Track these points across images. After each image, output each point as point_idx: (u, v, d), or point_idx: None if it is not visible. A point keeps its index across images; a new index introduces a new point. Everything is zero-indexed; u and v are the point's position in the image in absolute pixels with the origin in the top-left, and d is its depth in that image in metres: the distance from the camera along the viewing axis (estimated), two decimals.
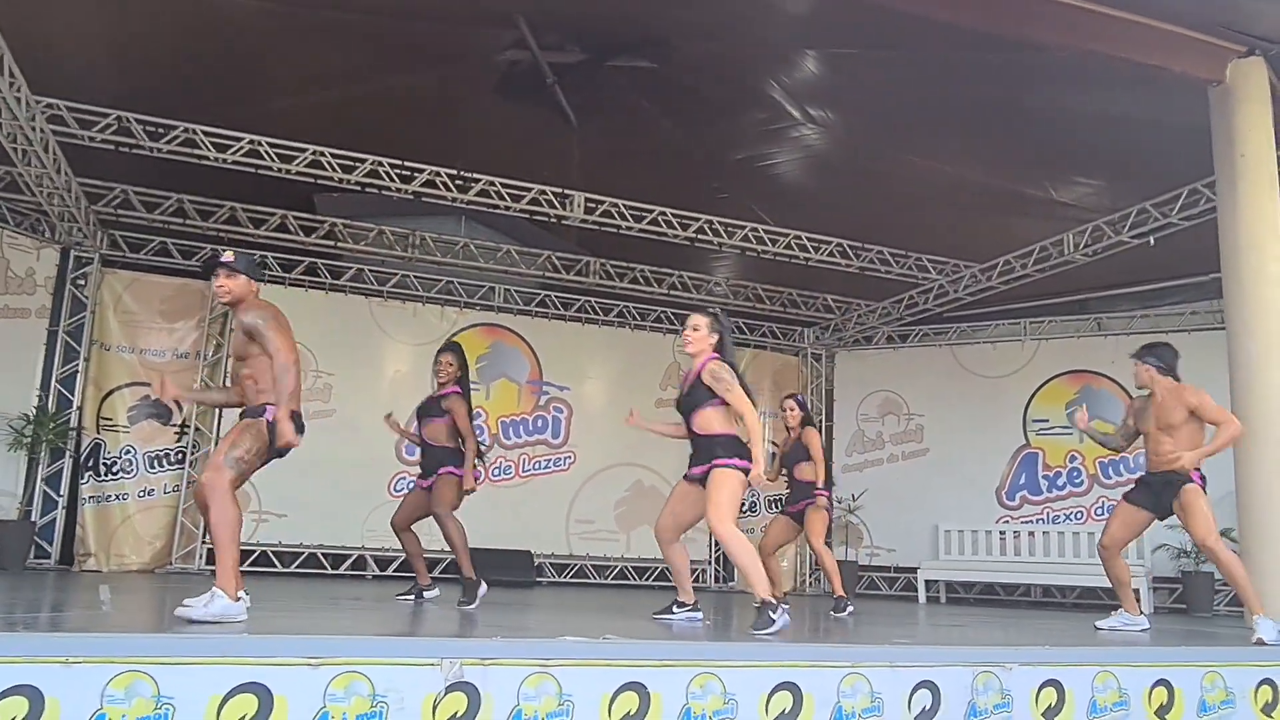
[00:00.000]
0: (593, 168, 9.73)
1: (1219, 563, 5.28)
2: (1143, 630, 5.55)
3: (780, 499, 7.81)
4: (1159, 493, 5.42)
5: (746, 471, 4.53)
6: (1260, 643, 4.79)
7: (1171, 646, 4.65)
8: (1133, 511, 5.54)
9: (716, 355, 4.62)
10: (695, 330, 4.64)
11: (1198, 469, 5.34)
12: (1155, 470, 5.45)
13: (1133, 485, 5.65)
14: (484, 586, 5.67)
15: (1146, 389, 5.55)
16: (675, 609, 4.90)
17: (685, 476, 4.81)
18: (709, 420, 4.60)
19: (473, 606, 5.46)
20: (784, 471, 6.90)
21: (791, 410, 6.98)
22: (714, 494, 4.49)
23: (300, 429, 3.83)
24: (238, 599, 3.62)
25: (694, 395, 4.63)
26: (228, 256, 4.07)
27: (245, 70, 8.33)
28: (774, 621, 4.20)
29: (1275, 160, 6.75)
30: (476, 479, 5.93)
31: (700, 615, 4.94)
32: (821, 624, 6.10)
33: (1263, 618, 4.95)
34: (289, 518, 9.80)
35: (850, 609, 6.89)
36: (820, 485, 6.85)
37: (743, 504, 12.41)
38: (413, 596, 5.96)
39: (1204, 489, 5.32)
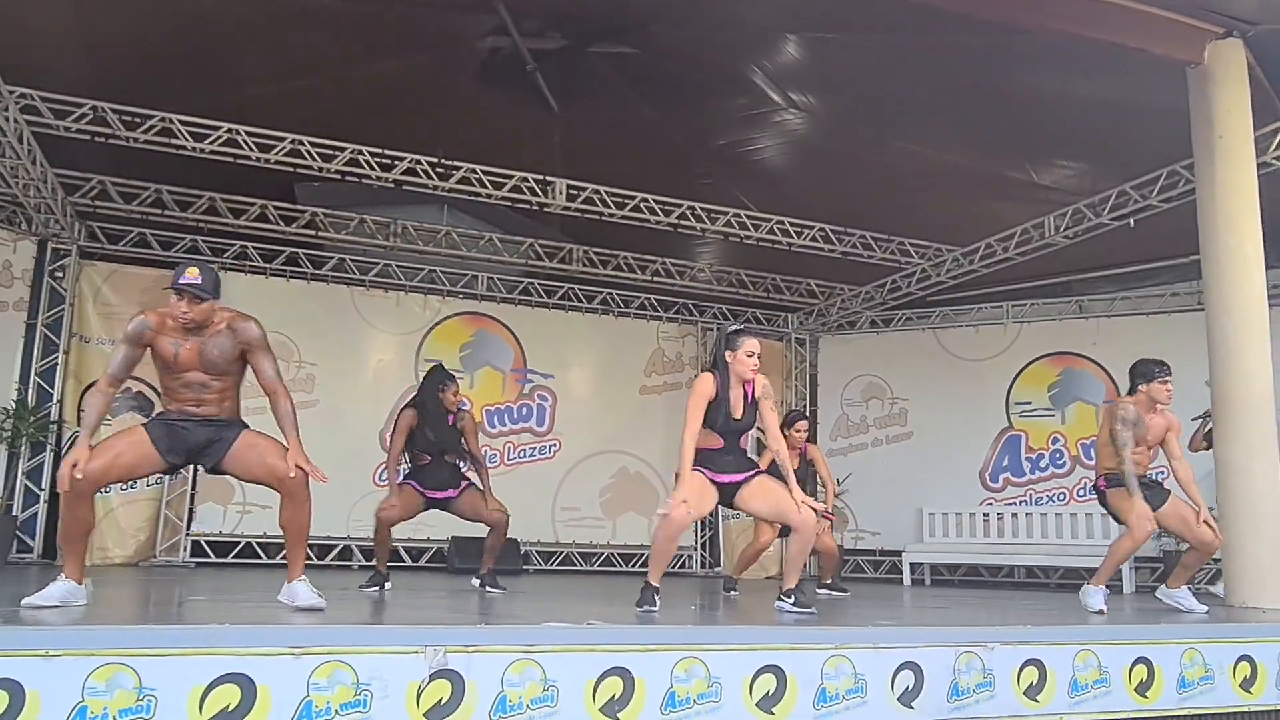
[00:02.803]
0: (574, 154, 9.70)
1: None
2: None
3: None
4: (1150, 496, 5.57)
5: None
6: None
7: (1151, 624, 4.70)
8: None
9: None
10: (760, 357, 4.68)
11: None
12: (1143, 476, 5.56)
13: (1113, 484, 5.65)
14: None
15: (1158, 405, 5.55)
16: (656, 597, 4.49)
17: (712, 478, 4.62)
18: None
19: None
20: None
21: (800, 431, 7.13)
22: (780, 491, 4.60)
23: None
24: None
25: (749, 420, 4.65)
26: (194, 276, 3.65)
27: (222, 58, 8.24)
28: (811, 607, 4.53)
29: (1252, 141, 6.78)
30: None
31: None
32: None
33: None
34: (274, 509, 9.65)
35: (845, 592, 7.10)
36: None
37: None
38: (377, 587, 5.93)
39: None
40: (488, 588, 6.06)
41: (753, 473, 4.63)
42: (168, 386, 3.85)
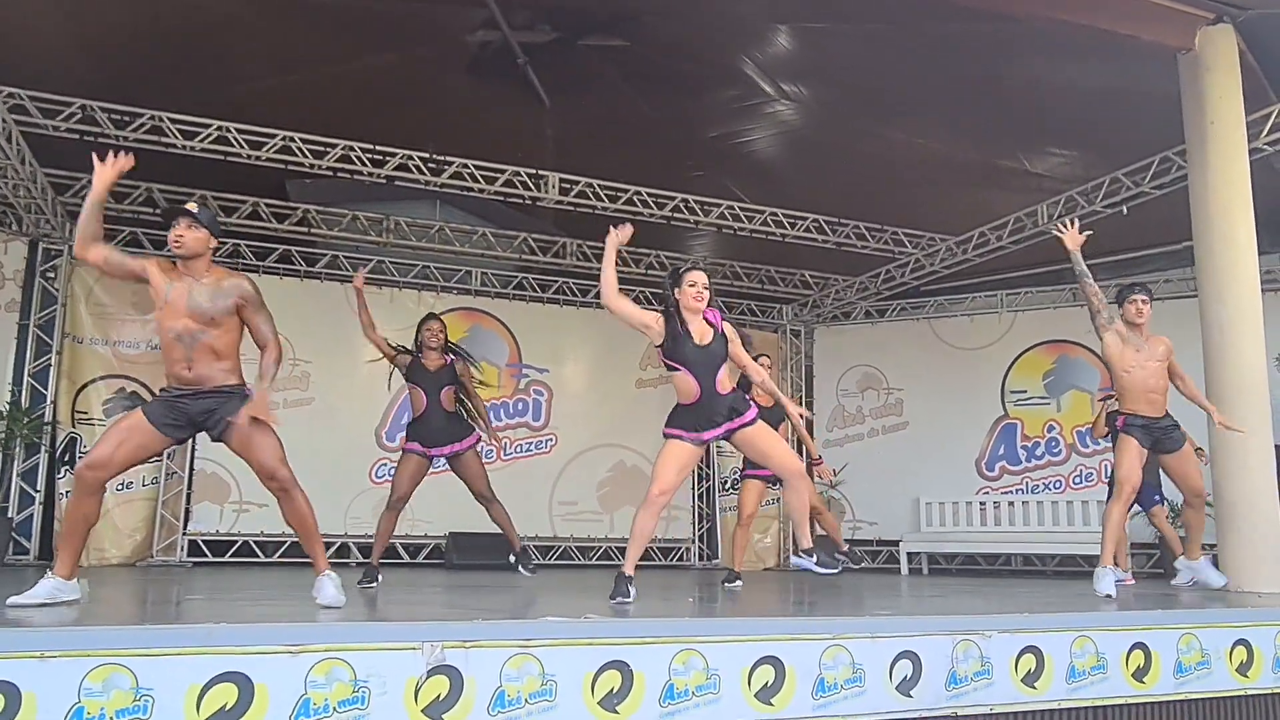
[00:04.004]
0: (567, 148, 9.68)
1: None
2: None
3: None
4: (1159, 438, 5.55)
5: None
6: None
7: (1148, 610, 4.71)
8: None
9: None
10: (706, 288, 4.52)
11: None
12: (1158, 416, 5.53)
13: (1129, 429, 5.54)
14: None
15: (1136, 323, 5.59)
16: (631, 588, 4.41)
17: (694, 440, 4.46)
18: (725, 378, 4.51)
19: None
20: None
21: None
22: (775, 439, 4.54)
23: None
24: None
25: (719, 349, 4.47)
26: (191, 206, 3.89)
27: (211, 55, 8.21)
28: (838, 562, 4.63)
29: (1244, 127, 6.78)
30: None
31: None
32: (806, 596, 6.15)
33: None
34: (270, 507, 9.56)
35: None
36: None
37: (725, 481, 12.37)
38: (373, 582, 5.77)
39: None
40: (521, 567, 6.06)
41: (750, 417, 4.49)
42: (164, 349, 3.82)
